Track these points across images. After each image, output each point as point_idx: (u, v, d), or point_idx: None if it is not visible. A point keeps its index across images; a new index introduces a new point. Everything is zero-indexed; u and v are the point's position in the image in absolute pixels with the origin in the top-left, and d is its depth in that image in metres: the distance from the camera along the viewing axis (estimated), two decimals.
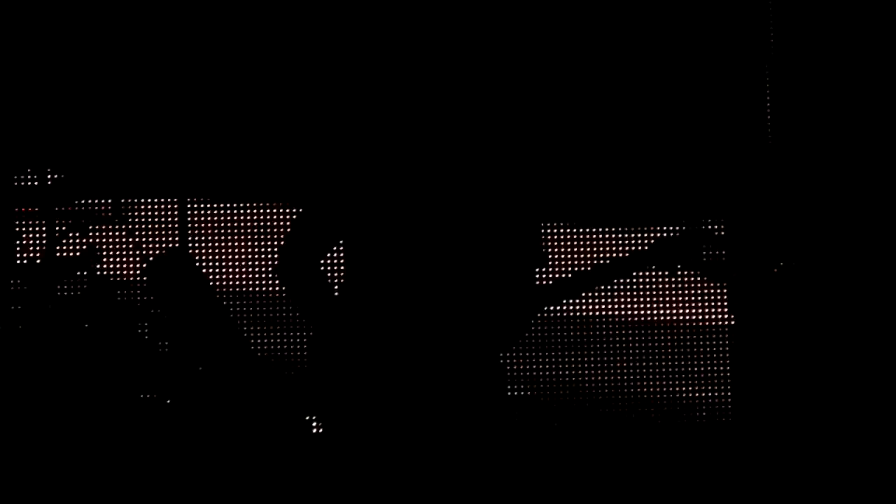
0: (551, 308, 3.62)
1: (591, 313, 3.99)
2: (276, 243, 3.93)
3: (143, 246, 3.92)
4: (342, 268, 3.19)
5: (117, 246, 3.93)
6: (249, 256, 3.96)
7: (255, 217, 3.97)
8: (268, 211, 3.93)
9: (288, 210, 3.92)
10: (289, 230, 3.21)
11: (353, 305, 3.09)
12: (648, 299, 4.02)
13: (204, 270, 3.93)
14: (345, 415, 3.15)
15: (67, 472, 3.82)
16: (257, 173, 3.90)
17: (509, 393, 3.46)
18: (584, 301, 3.95)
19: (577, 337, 3.98)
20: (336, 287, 3.18)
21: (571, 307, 3.93)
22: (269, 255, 3.95)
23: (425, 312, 3.08)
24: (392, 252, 3.11)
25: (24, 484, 3.79)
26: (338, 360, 3.11)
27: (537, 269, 3.17)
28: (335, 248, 3.24)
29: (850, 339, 3.67)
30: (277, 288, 3.78)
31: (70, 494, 3.81)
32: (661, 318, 4.00)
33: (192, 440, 3.87)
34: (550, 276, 3.72)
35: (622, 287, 3.96)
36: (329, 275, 3.27)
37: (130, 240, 3.91)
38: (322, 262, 3.18)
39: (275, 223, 3.94)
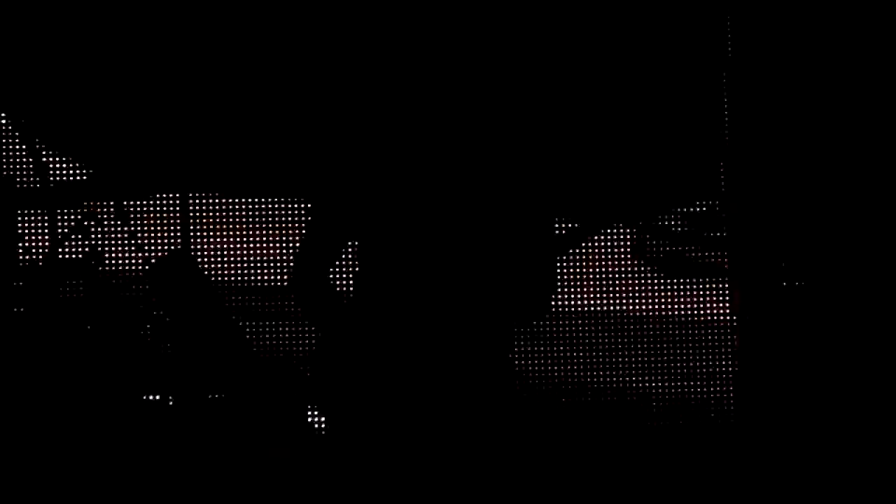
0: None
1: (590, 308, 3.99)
2: (281, 238, 3.91)
3: (147, 246, 3.92)
4: (352, 269, 3.20)
5: (120, 246, 3.93)
6: (253, 252, 3.96)
7: (259, 212, 3.96)
8: (275, 206, 3.92)
9: (294, 205, 3.90)
10: (301, 237, 3.23)
11: (363, 306, 3.09)
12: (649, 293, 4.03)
13: (206, 269, 3.93)
14: (352, 414, 3.16)
15: (69, 474, 3.83)
16: (262, 168, 3.89)
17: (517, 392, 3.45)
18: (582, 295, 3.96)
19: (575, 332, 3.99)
20: (346, 289, 3.19)
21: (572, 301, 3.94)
22: (275, 251, 3.94)
23: (435, 312, 3.09)
24: (402, 252, 3.11)
25: (26, 485, 3.81)
26: (346, 359, 3.12)
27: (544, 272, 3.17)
28: (345, 251, 3.24)
29: (856, 340, 3.68)
30: (282, 284, 3.77)
31: (71, 495, 3.82)
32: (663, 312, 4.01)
33: (194, 441, 3.88)
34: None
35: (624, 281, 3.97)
36: (338, 277, 3.28)
37: (133, 240, 3.90)
38: (333, 267, 3.19)
39: (281, 218, 3.93)
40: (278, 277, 3.85)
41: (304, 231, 3.30)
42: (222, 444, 3.88)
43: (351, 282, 3.26)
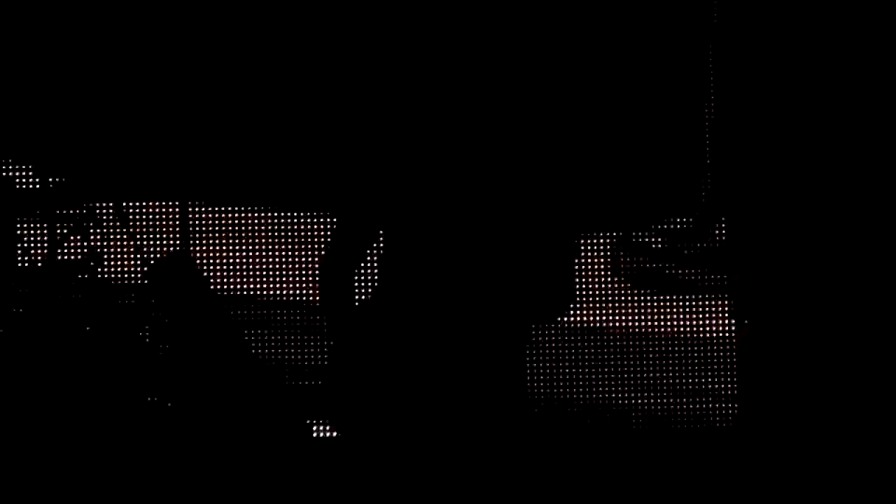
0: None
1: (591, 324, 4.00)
2: (279, 248, 3.91)
3: (145, 249, 3.88)
4: (371, 274, 3.20)
5: (119, 249, 3.89)
6: (253, 260, 3.94)
7: (258, 221, 3.95)
8: (273, 215, 3.91)
9: (298, 215, 3.89)
10: (329, 241, 3.24)
11: (380, 311, 3.09)
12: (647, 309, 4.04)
13: (205, 274, 3.90)
14: (361, 421, 3.14)
15: (69, 476, 3.79)
16: (263, 176, 3.87)
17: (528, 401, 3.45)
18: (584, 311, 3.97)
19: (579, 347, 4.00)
20: (365, 294, 3.19)
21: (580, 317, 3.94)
22: (275, 260, 3.93)
23: (450, 317, 3.09)
24: (421, 257, 3.11)
25: (26, 487, 3.76)
26: (361, 366, 3.11)
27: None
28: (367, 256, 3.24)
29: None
30: (287, 292, 3.76)
31: (72, 497, 3.78)
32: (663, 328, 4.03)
33: (193, 444, 3.85)
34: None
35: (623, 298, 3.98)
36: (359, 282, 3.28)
37: (132, 243, 3.87)
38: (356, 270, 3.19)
39: (282, 228, 3.93)
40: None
41: (328, 240, 3.30)
42: (222, 446, 3.86)
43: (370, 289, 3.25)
